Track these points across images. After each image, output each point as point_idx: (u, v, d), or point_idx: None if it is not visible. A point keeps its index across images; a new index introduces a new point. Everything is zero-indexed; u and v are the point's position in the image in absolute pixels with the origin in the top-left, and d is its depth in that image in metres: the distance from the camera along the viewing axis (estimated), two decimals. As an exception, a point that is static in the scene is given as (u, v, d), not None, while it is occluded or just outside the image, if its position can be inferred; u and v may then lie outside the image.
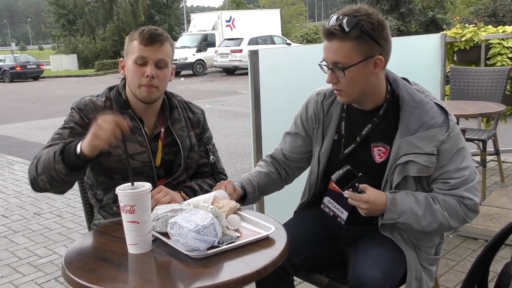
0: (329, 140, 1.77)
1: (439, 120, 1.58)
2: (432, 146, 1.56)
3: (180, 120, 1.91)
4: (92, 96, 1.86)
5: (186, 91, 16.31)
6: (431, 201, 1.61)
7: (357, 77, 1.58)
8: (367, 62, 1.56)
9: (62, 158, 1.55)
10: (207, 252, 1.33)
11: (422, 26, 20.49)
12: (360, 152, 1.70)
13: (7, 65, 26.80)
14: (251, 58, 2.82)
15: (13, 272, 3.36)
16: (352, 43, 1.53)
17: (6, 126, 10.48)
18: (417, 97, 1.62)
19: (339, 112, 1.76)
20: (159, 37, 1.74)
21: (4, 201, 5.07)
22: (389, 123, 1.65)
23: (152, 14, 35.73)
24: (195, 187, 1.86)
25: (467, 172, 1.60)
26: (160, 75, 1.76)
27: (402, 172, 1.61)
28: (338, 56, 1.55)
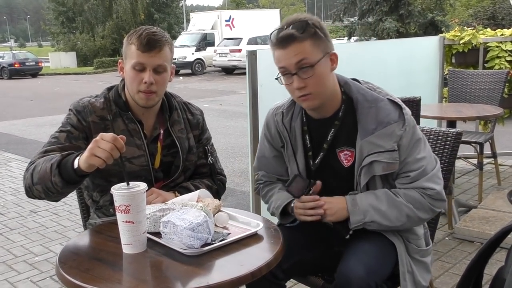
0: (301, 155, 1.75)
1: (395, 115, 1.61)
2: (392, 142, 1.59)
3: (179, 121, 1.90)
4: (91, 97, 1.84)
5: (184, 90, 16.31)
6: (391, 195, 1.64)
7: (323, 74, 1.60)
8: (326, 58, 1.60)
9: (59, 172, 1.54)
10: (202, 249, 1.34)
11: (421, 28, 20.49)
12: (329, 159, 1.72)
13: (6, 62, 26.77)
14: (249, 58, 2.82)
15: (9, 270, 3.35)
16: (309, 42, 1.56)
17: (3, 123, 10.47)
18: (369, 96, 1.65)
19: (300, 125, 1.74)
20: (157, 43, 1.71)
21: (1, 198, 5.06)
22: (349, 125, 1.67)
23: (152, 12, 35.69)
24: (191, 187, 1.85)
25: (425, 162, 1.64)
26: (158, 80, 1.74)
27: (369, 173, 1.63)
28: (301, 56, 1.55)
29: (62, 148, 1.70)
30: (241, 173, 5.72)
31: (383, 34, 19.62)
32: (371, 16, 21.23)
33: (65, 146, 1.71)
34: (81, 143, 1.74)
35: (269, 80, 2.92)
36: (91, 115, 1.77)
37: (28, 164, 1.69)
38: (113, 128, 1.77)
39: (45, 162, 1.59)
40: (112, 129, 1.77)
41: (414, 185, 1.64)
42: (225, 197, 4.72)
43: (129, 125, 1.79)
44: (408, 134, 1.61)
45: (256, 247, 1.40)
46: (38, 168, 1.60)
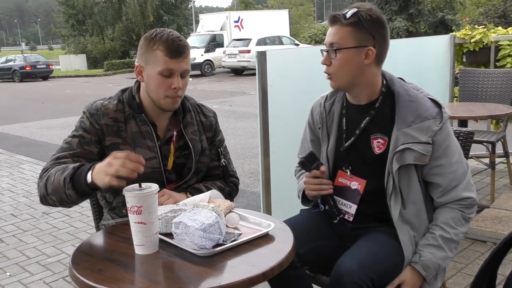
0: (334, 137, 1.84)
1: (433, 112, 1.67)
2: (427, 136, 1.65)
3: (192, 123, 1.91)
4: (105, 99, 1.85)
5: (194, 91, 16.35)
6: (445, 235, 1.69)
7: (347, 62, 1.69)
8: (360, 50, 1.67)
9: (73, 185, 1.57)
10: (214, 249, 1.34)
11: (431, 27, 20.40)
12: (359, 144, 1.78)
13: (17, 65, 27.02)
14: (259, 59, 2.82)
15: (22, 271, 3.38)
16: (349, 29, 1.66)
17: (15, 126, 10.56)
18: (411, 92, 1.72)
19: (339, 109, 1.84)
20: (185, 48, 1.73)
21: (13, 200, 5.11)
22: (386, 115, 1.74)
23: (161, 14, 35.83)
24: (203, 189, 1.85)
25: (456, 166, 1.69)
26: (183, 84, 1.76)
27: (400, 160, 1.67)
28: (334, 38, 1.69)
29: (74, 154, 1.72)
30: (251, 174, 5.72)
31: (392, 34, 19.55)
32: (380, 16, 21.13)
33: (76, 152, 1.73)
34: (93, 147, 1.76)
35: (279, 80, 2.94)
36: (104, 118, 1.78)
37: (42, 171, 1.71)
38: (126, 130, 1.79)
39: (57, 174, 1.62)
40: (125, 130, 1.79)
41: (450, 197, 1.70)
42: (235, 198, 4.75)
43: (142, 127, 1.80)
44: (444, 132, 1.66)
45: (267, 248, 1.40)
46: (51, 179, 1.63)
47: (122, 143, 1.78)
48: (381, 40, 1.70)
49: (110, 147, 1.77)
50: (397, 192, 1.70)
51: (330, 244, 1.83)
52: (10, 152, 7.68)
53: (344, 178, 1.82)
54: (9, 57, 29.19)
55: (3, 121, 11.30)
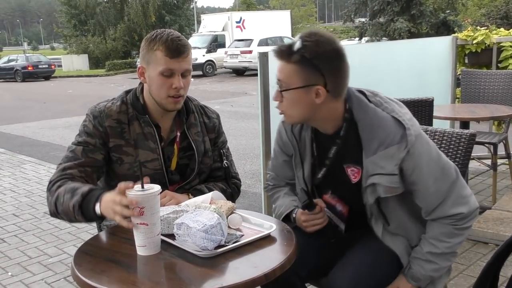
0: (308, 164, 1.74)
1: (396, 137, 1.50)
2: (393, 164, 1.50)
3: (196, 124, 1.91)
4: (108, 101, 1.85)
5: (195, 92, 16.35)
6: (433, 249, 1.61)
7: (296, 102, 1.53)
8: (308, 89, 1.51)
9: (82, 212, 1.60)
10: (216, 251, 1.34)
11: (433, 28, 20.38)
12: (335, 173, 1.68)
13: (19, 65, 27.06)
14: (261, 60, 2.83)
15: (24, 271, 3.39)
16: (293, 67, 1.49)
17: (17, 126, 10.58)
18: (371, 113, 1.56)
19: (310, 134, 1.71)
20: (185, 48, 1.73)
21: (15, 200, 5.11)
22: (353, 143, 1.60)
23: (163, 14, 35.89)
24: (205, 190, 1.85)
25: (444, 184, 1.56)
26: (185, 84, 1.76)
27: (374, 194, 1.58)
28: (280, 75, 1.53)
29: (79, 164, 1.74)
30: (252, 175, 5.72)
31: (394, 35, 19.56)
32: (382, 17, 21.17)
33: (81, 161, 1.74)
34: (98, 154, 1.77)
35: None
36: (107, 119, 1.78)
37: (49, 183, 1.73)
38: (129, 131, 1.80)
39: (66, 197, 1.64)
40: (128, 132, 1.79)
41: (438, 214, 1.59)
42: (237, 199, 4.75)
43: (145, 129, 1.80)
44: (413, 157, 1.50)
45: (269, 249, 1.40)
46: (60, 200, 1.66)
47: (125, 145, 1.79)
48: (334, 75, 1.51)
49: (113, 148, 1.79)
50: (378, 216, 1.65)
51: (330, 255, 1.76)
52: (12, 152, 7.69)
53: (330, 197, 1.74)
54: (11, 57, 29.26)
55: (5, 121, 11.32)
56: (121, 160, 1.78)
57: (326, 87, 1.50)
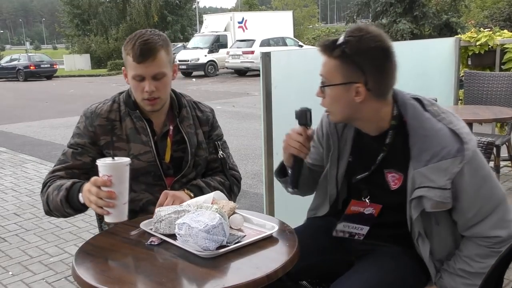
0: (344, 162, 1.68)
1: (453, 149, 1.42)
2: (445, 179, 1.42)
3: (188, 118, 1.94)
4: (100, 102, 1.91)
5: (197, 92, 16.35)
6: (467, 268, 1.52)
7: (337, 99, 1.50)
8: (348, 87, 1.46)
9: (70, 205, 1.70)
10: (217, 251, 1.33)
11: (436, 29, 20.36)
12: (374, 177, 1.61)
13: (22, 64, 27.06)
14: (263, 60, 2.81)
15: (24, 271, 3.38)
16: (335, 62, 1.46)
17: (19, 125, 10.59)
18: (427, 123, 1.48)
19: (353, 134, 1.66)
20: (150, 52, 1.73)
21: (17, 199, 5.11)
22: (399, 151, 1.53)
23: (165, 14, 35.93)
24: (201, 184, 1.88)
25: (482, 202, 1.48)
26: (159, 86, 1.78)
27: (418, 207, 1.50)
28: (323, 70, 1.51)
29: (66, 167, 1.82)
30: (254, 175, 5.71)
31: (397, 36, 19.54)
32: (385, 18, 21.15)
33: (69, 164, 1.82)
34: (86, 157, 1.82)
35: (283, 81, 2.93)
36: (98, 119, 1.84)
37: (42, 185, 1.83)
38: (121, 128, 1.85)
39: (54, 194, 1.73)
40: (120, 128, 1.84)
41: (476, 233, 1.51)
42: (238, 199, 4.72)
43: (137, 123, 1.85)
44: (467, 174, 1.43)
45: (271, 250, 1.40)
46: (50, 198, 1.75)
47: (117, 141, 1.83)
48: (376, 73, 1.45)
49: (105, 146, 1.83)
50: (423, 235, 1.55)
51: (335, 258, 1.73)
52: (14, 151, 7.70)
53: (358, 205, 1.65)
54: (13, 56, 29.30)
55: (7, 120, 11.34)
56: (115, 155, 1.77)
57: (367, 86, 1.45)
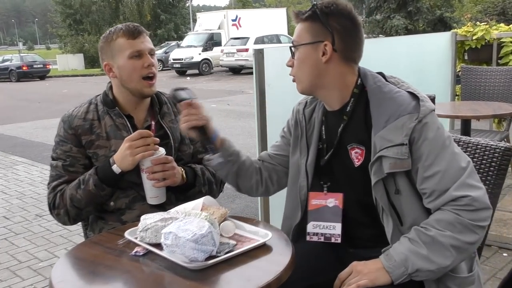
0: (314, 149, 1.64)
1: (408, 107, 1.42)
2: (402, 136, 1.40)
3: (169, 113, 1.93)
4: (76, 106, 1.91)
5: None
6: (422, 230, 1.39)
7: (304, 59, 1.53)
8: (316, 46, 1.50)
9: (107, 184, 1.74)
10: (206, 262, 1.24)
11: (430, 25, 20.33)
12: (340, 156, 1.58)
13: (14, 65, 26.92)
14: (256, 57, 2.73)
15: (13, 276, 3.30)
16: (306, 24, 1.53)
17: (11, 126, 10.47)
18: (386, 88, 1.50)
19: (320, 116, 1.65)
20: (141, 28, 1.82)
21: (6, 202, 5.01)
22: (360, 120, 1.52)
23: (158, 13, 35.79)
24: (197, 171, 1.87)
25: (443, 166, 1.38)
26: (155, 64, 1.83)
27: (378, 173, 1.44)
28: (294, 36, 1.57)
29: (65, 181, 1.80)
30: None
31: (391, 32, 19.50)
32: (379, 14, 21.11)
33: (66, 178, 1.80)
34: (77, 166, 1.81)
35: (277, 79, 2.84)
36: (75, 120, 1.84)
37: (50, 205, 1.81)
38: (100, 126, 1.83)
39: (79, 191, 1.74)
40: (98, 127, 1.83)
41: (441, 200, 1.38)
42: (233, 199, 4.66)
43: (117, 120, 1.84)
44: (424, 129, 1.40)
45: (264, 260, 1.30)
46: (77, 197, 1.75)
47: (96, 139, 1.82)
48: (344, 34, 1.49)
49: (86, 145, 1.82)
50: (389, 212, 1.45)
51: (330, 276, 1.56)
52: (5, 153, 7.58)
53: (317, 198, 1.61)
54: (5, 57, 29.11)
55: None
56: (96, 154, 1.81)
57: (334, 46, 1.49)
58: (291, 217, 1.71)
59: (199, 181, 1.86)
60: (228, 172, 1.72)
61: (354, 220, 1.58)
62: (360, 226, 1.59)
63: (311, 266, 1.62)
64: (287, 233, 1.69)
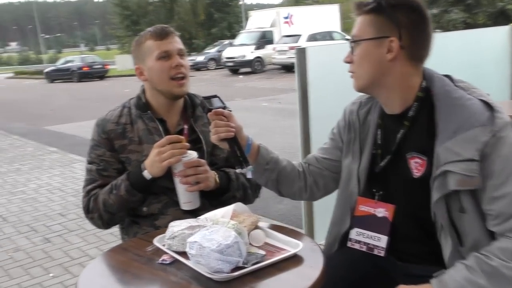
0: (367, 154, 1.53)
1: (482, 117, 1.28)
2: (473, 150, 1.26)
3: (202, 117, 1.91)
4: (111, 110, 1.91)
5: (244, 89, 16.33)
6: (484, 259, 1.26)
7: (366, 56, 1.40)
8: (380, 42, 1.37)
9: (138, 190, 1.73)
10: (232, 274, 1.20)
11: (490, 18, 19.42)
12: (397, 165, 1.45)
13: (76, 66, 28.15)
14: (298, 56, 2.68)
15: (65, 272, 3.40)
16: (369, 17, 1.39)
17: (71, 125, 10.88)
18: (456, 93, 1.35)
19: (376, 119, 1.53)
20: (170, 29, 1.80)
21: (62, 199, 5.20)
22: (423, 127, 1.39)
23: (212, 12, 36.21)
24: (231, 175, 1.84)
25: None
26: (184, 64, 1.80)
27: (440, 189, 1.31)
28: (355, 29, 1.42)
29: (99, 185, 1.81)
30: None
31: (448, 26, 18.78)
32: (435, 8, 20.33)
33: (100, 183, 1.81)
34: (111, 170, 1.82)
35: (320, 78, 2.77)
36: (108, 124, 1.84)
37: (85, 208, 1.84)
38: (133, 130, 1.83)
39: (111, 196, 1.75)
40: (131, 131, 1.83)
41: (508, 225, 1.27)
42: (280, 200, 4.60)
43: (149, 124, 1.83)
44: (499, 144, 1.26)
45: (293, 272, 1.24)
46: (109, 203, 1.76)
47: (129, 144, 1.82)
48: (412, 30, 1.36)
49: (119, 150, 1.82)
50: (448, 230, 1.34)
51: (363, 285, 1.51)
52: (64, 151, 7.88)
53: (366, 205, 1.52)
54: (68, 58, 30.50)
55: (60, 120, 11.71)
56: (128, 159, 1.81)
57: (401, 42, 1.36)
58: (340, 224, 1.63)
59: (233, 186, 1.82)
60: (268, 179, 1.65)
61: (404, 235, 1.48)
62: (410, 241, 1.48)
63: (352, 274, 1.53)
64: (334, 240, 1.64)
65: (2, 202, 5.22)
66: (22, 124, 11.69)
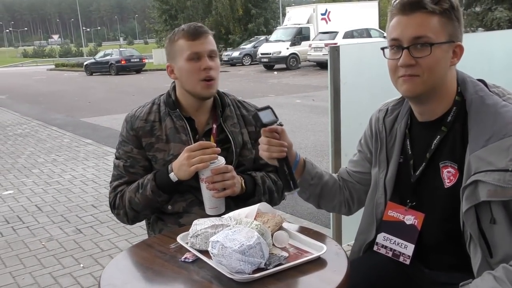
0: (395, 163, 1.48)
1: None
2: (507, 159, 1.21)
3: (232, 117, 1.89)
4: (141, 106, 1.90)
5: (278, 85, 16.27)
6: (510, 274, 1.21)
7: (439, 61, 1.30)
8: (450, 46, 1.31)
9: (163, 191, 1.73)
10: (253, 275, 1.18)
11: (537, 16, 18.67)
12: (430, 174, 1.40)
13: (114, 59, 28.66)
14: (331, 54, 2.64)
15: (94, 264, 3.45)
16: (439, 18, 1.28)
17: (106, 118, 11.09)
18: (490, 100, 1.30)
19: (403, 128, 1.47)
20: (203, 29, 1.77)
21: (95, 191, 5.29)
22: (457, 134, 1.34)
23: (249, 8, 36.21)
24: (258, 179, 1.82)
25: None
26: (214, 66, 1.77)
27: (472, 197, 1.26)
28: (423, 30, 1.27)
29: (125, 182, 1.82)
30: (328, 173, 5.49)
31: (492, 25, 18.13)
32: (478, 5, 19.70)
33: (127, 179, 1.82)
34: (137, 167, 1.82)
35: (353, 77, 2.72)
36: (137, 121, 1.83)
37: (111, 204, 1.84)
38: (161, 128, 1.82)
39: (137, 195, 1.75)
40: (159, 129, 1.82)
41: None
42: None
43: (177, 122, 1.82)
44: None
45: (315, 276, 1.21)
46: (135, 200, 1.76)
47: (156, 142, 1.81)
48: (461, 32, 1.33)
49: (147, 147, 1.82)
50: (477, 241, 1.29)
51: None
52: (99, 144, 8.03)
53: (395, 211, 1.48)
54: (106, 52, 31.11)
55: (96, 112, 11.95)
56: (155, 157, 1.81)
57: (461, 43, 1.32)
58: (366, 233, 1.60)
59: (258, 191, 1.80)
60: (311, 194, 1.63)
61: (432, 244, 1.44)
62: (438, 251, 1.43)
63: (377, 280, 1.50)
64: (360, 248, 1.61)
65: (38, 191, 5.35)
66: (60, 116, 11.99)
